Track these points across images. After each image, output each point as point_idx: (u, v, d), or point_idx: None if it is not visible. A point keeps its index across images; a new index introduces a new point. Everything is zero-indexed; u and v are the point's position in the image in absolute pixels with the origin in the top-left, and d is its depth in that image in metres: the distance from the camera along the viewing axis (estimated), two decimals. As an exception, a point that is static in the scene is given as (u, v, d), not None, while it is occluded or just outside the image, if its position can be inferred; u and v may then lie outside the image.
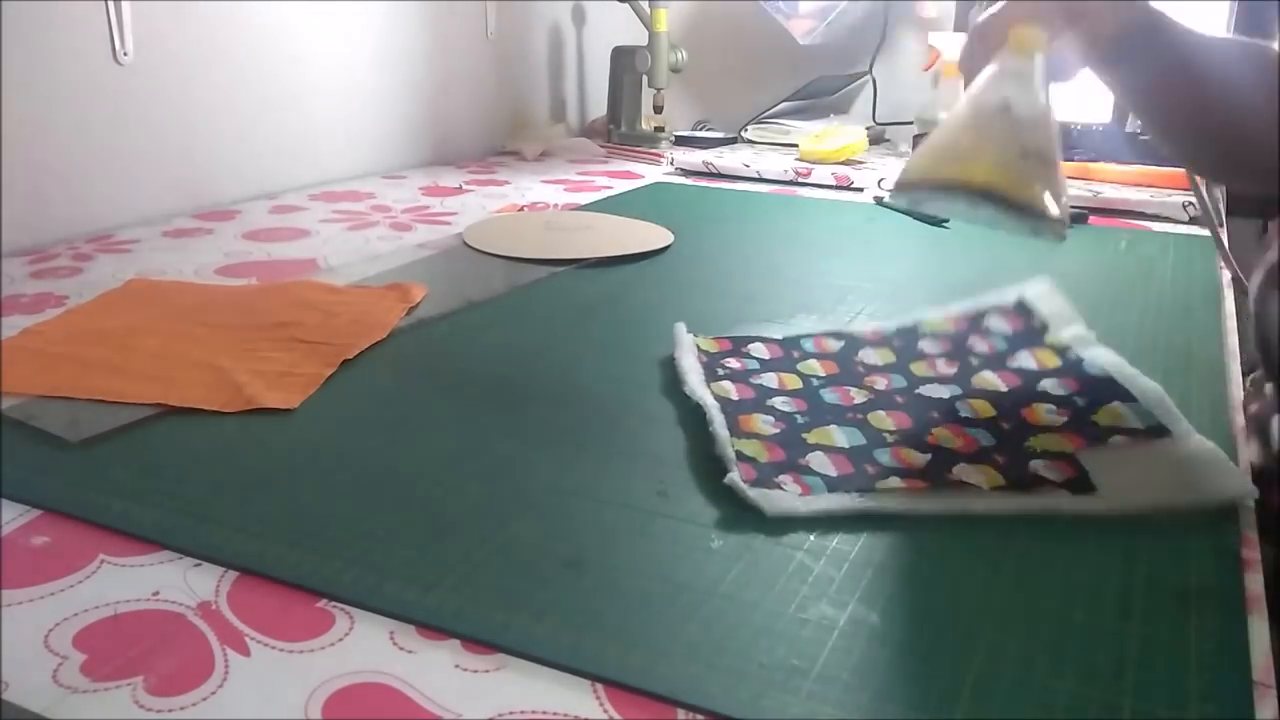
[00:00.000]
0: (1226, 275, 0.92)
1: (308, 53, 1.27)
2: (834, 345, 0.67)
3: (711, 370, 0.63)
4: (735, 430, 0.54)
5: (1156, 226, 1.12)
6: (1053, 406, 0.57)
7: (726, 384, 0.60)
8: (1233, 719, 0.35)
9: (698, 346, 0.66)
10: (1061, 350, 0.62)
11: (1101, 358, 0.61)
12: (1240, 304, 0.84)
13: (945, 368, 0.63)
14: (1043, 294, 0.68)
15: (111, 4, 1.01)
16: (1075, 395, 0.58)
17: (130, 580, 0.42)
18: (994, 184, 0.52)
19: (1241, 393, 0.64)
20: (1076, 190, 1.21)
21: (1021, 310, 0.67)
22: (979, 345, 0.65)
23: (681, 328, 0.69)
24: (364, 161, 1.39)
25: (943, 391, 0.60)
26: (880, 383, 0.61)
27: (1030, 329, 0.66)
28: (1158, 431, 0.53)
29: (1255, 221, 1.62)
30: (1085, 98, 1.59)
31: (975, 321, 0.67)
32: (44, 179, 0.98)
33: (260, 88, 1.21)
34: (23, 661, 0.37)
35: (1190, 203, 1.15)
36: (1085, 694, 0.36)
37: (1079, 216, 1.13)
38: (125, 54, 1.03)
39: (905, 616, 0.40)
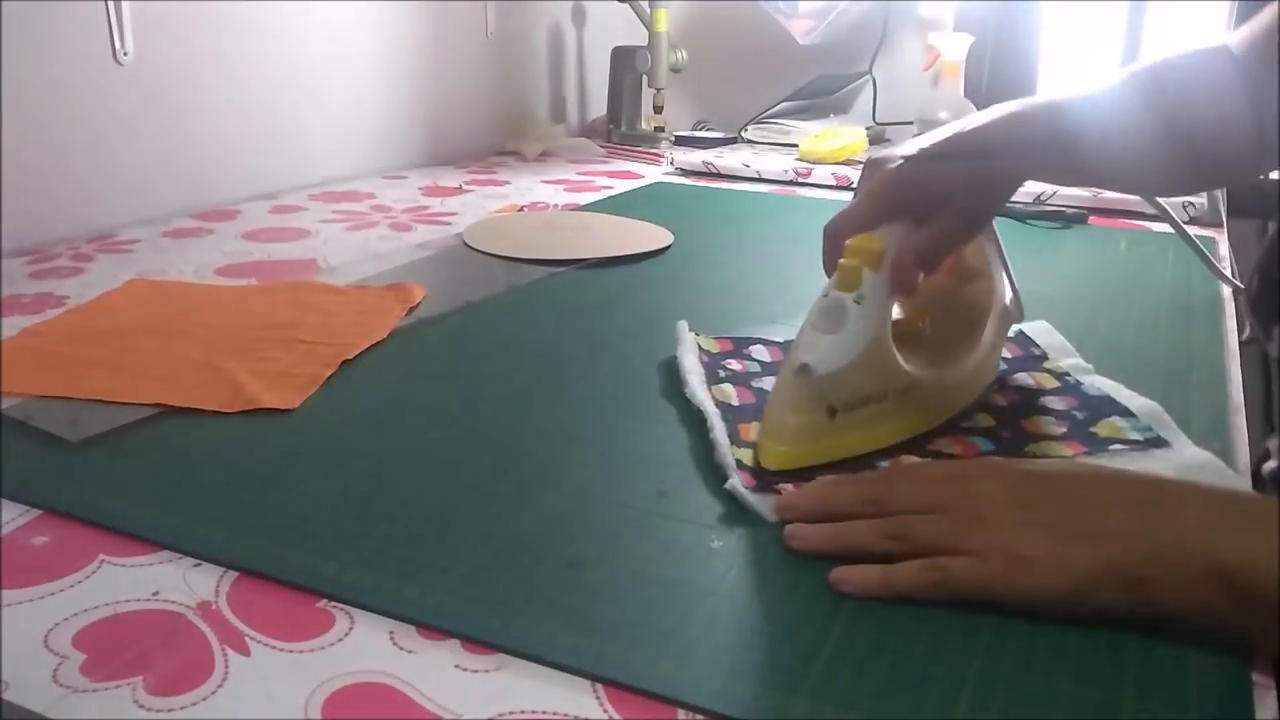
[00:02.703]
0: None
1: (308, 53, 1.27)
2: None
3: (713, 371, 0.63)
4: (735, 438, 0.54)
5: (1156, 226, 1.12)
6: (1052, 419, 0.57)
7: (727, 387, 0.60)
8: (1233, 719, 0.35)
9: (699, 346, 0.66)
10: (1060, 375, 0.63)
11: (1100, 383, 0.61)
12: (1239, 307, 0.84)
13: None
14: (1041, 330, 0.69)
15: (111, 4, 1.01)
16: (1074, 410, 0.58)
17: (130, 580, 0.42)
18: (795, 462, 0.50)
19: (1241, 395, 0.64)
20: (1076, 190, 1.21)
21: (1021, 340, 0.68)
22: None
23: (684, 326, 0.69)
24: (364, 161, 1.39)
25: None
26: None
27: (1030, 355, 0.66)
28: (1157, 443, 0.53)
29: (1256, 221, 1.62)
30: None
31: None
32: (44, 179, 0.98)
33: (260, 88, 1.21)
34: (23, 661, 0.37)
35: (1190, 203, 1.15)
36: (1085, 694, 0.36)
37: (1079, 217, 1.13)
38: (125, 54, 1.03)
39: (905, 617, 0.40)
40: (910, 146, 0.57)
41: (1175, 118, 0.54)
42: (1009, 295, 0.62)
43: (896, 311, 0.59)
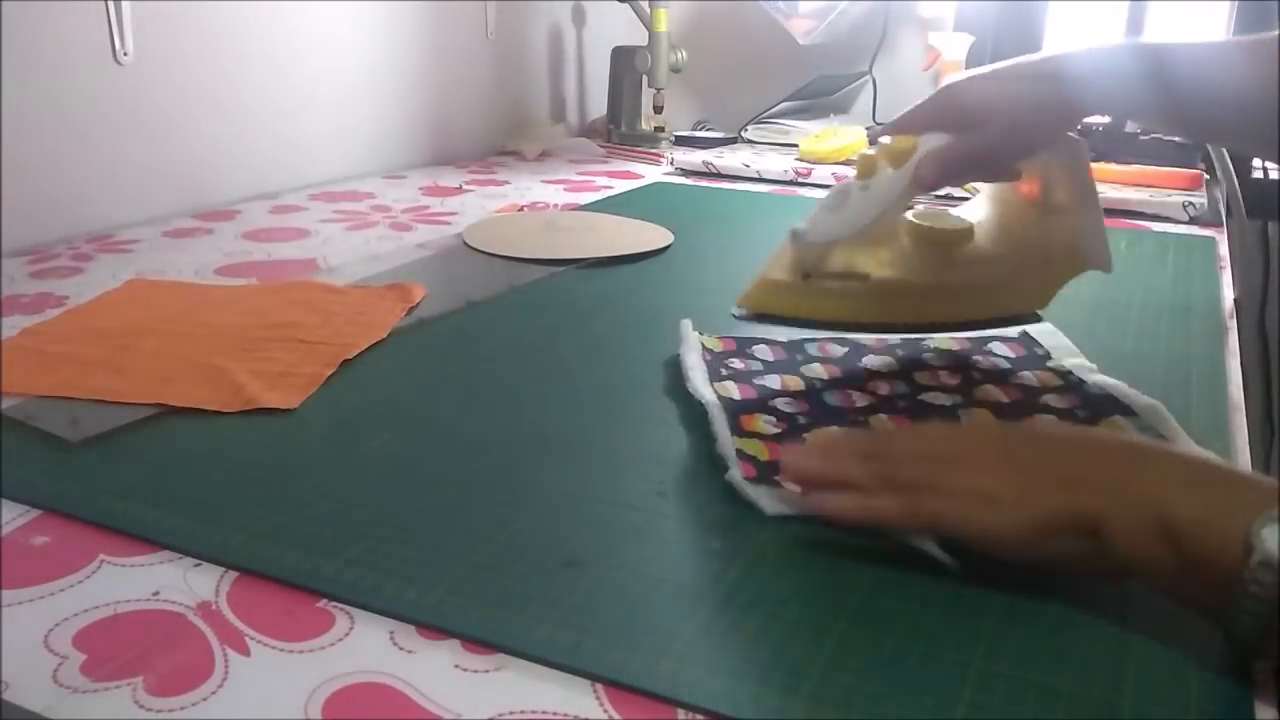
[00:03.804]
0: (1227, 275, 0.92)
1: (308, 53, 1.27)
2: (838, 350, 0.67)
3: (715, 369, 0.63)
4: (737, 429, 0.54)
5: (1156, 226, 1.12)
6: (1054, 418, 0.57)
7: (729, 384, 0.60)
8: (1233, 719, 0.35)
9: (703, 345, 0.67)
10: (1063, 374, 0.63)
11: (1103, 381, 0.61)
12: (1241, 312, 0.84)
13: (948, 379, 0.63)
14: (1045, 331, 0.69)
15: (111, 4, 1.01)
16: (1077, 409, 0.58)
17: (130, 580, 0.42)
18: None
19: (1241, 395, 0.64)
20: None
21: (1025, 340, 0.69)
22: (982, 363, 0.66)
23: (687, 325, 0.69)
24: (364, 161, 1.39)
25: (944, 400, 0.60)
26: (883, 388, 0.61)
27: (1034, 355, 0.67)
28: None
29: (1256, 221, 1.62)
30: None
31: (979, 343, 0.68)
32: (44, 179, 0.98)
33: (260, 88, 1.21)
34: (23, 661, 0.37)
35: (1190, 203, 1.15)
36: (1085, 694, 0.36)
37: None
38: (125, 54, 1.03)
39: (905, 616, 0.40)
40: (986, 68, 0.60)
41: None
42: (1090, 240, 0.62)
43: (972, 216, 0.63)
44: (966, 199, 0.67)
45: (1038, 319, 0.65)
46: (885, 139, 0.57)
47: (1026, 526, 0.40)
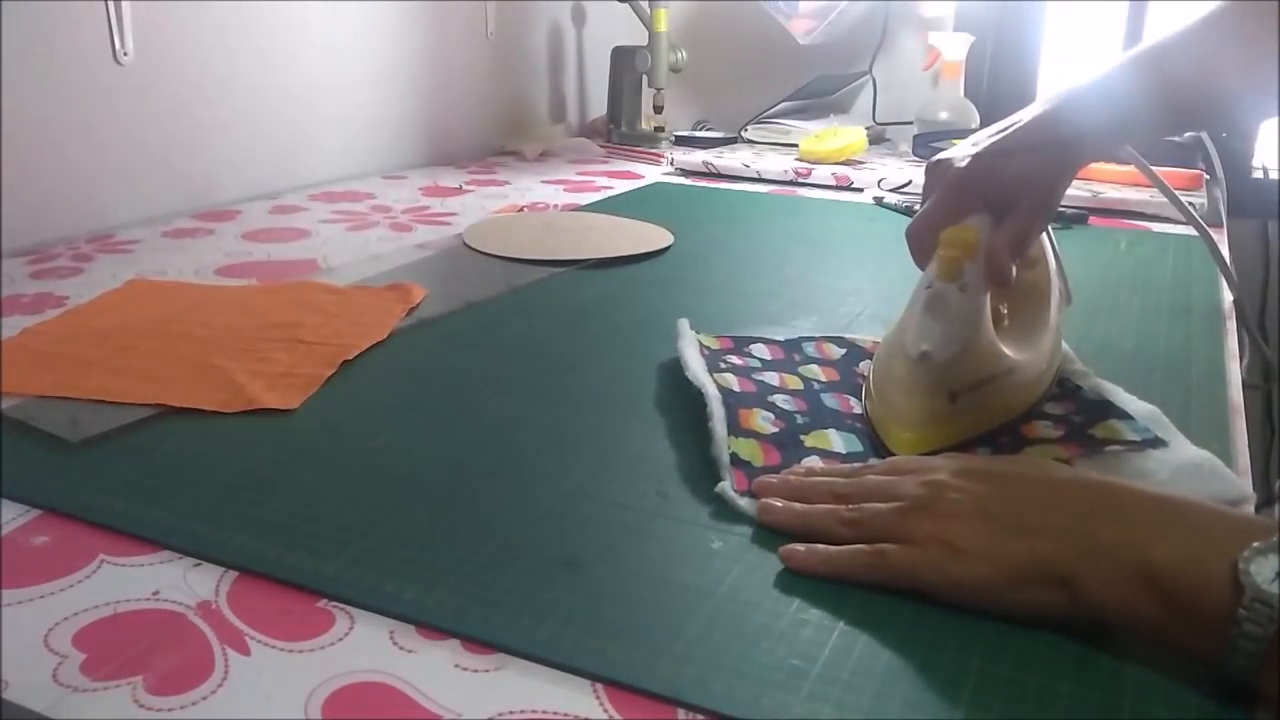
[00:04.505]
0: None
1: (307, 53, 1.27)
2: (836, 352, 0.67)
3: (714, 364, 0.63)
4: (734, 427, 0.54)
5: (1156, 226, 1.12)
6: (1050, 422, 0.57)
7: (729, 376, 0.60)
8: (1232, 719, 0.35)
9: (700, 342, 0.66)
10: (1059, 380, 0.63)
11: (1099, 386, 0.61)
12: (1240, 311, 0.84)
13: None
14: None
15: (111, 4, 1.01)
16: (1073, 414, 0.58)
17: (130, 580, 0.42)
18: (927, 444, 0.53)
19: (1241, 395, 0.64)
20: (1076, 190, 1.21)
21: None
22: None
23: (685, 323, 0.69)
24: (364, 161, 1.39)
25: None
26: None
27: None
28: (1154, 444, 0.53)
29: (1256, 221, 1.62)
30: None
31: None
32: (44, 179, 0.98)
33: (260, 88, 1.21)
34: (23, 661, 0.37)
35: (1190, 203, 1.15)
36: (1085, 694, 0.36)
37: (1079, 217, 1.13)
38: (125, 54, 1.03)
39: (905, 616, 0.40)
40: (970, 146, 0.60)
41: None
42: (1060, 280, 0.65)
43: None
44: None
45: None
46: (945, 234, 0.55)
47: (996, 581, 0.40)
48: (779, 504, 0.47)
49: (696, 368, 0.60)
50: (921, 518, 0.42)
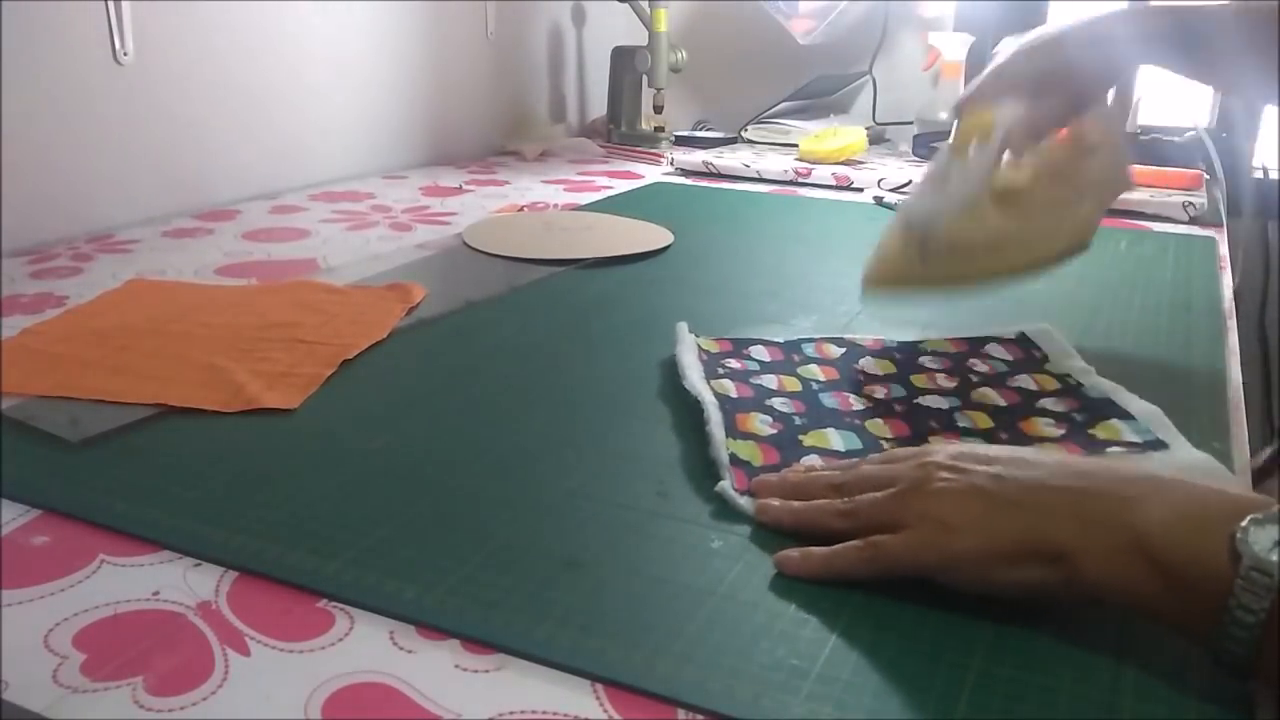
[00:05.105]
0: (1227, 275, 0.92)
1: (307, 53, 1.27)
2: (835, 351, 0.67)
3: (712, 369, 0.63)
4: (732, 430, 0.54)
5: (1156, 226, 1.12)
6: (1051, 420, 0.57)
7: (726, 382, 0.60)
8: (1233, 719, 0.35)
9: (699, 346, 0.66)
10: (1061, 376, 0.63)
11: (1101, 384, 0.61)
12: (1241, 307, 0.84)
13: (945, 381, 0.63)
14: (1043, 333, 0.70)
15: (111, 4, 1.01)
16: (1074, 413, 0.58)
17: (130, 580, 0.42)
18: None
19: (1241, 395, 0.64)
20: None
21: (1022, 342, 0.69)
22: (979, 365, 0.65)
23: (683, 327, 0.69)
24: (364, 161, 1.39)
25: (942, 403, 0.60)
26: (879, 391, 0.61)
27: (1031, 358, 0.66)
28: (1155, 445, 0.53)
29: (1256, 221, 1.62)
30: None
31: (976, 345, 0.68)
32: (44, 179, 0.98)
33: (260, 88, 1.21)
34: (23, 661, 0.37)
35: (1190, 202, 1.15)
36: (1085, 694, 0.36)
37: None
38: (125, 54, 1.03)
39: (905, 616, 0.40)
40: (1038, 32, 0.69)
41: None
42: (1122, 168, 0.70)
43: (1012, 170, 0.69)
44: None
45: (1087, 249, 0.69)
46: (966, 114, 0.66)
47: (990, 556, 0.39)
48: (775, 503, 0.47)
49: (694, 377, 0.60)
50: (914, 498, 0.42)
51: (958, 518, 0.40)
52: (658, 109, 1.65)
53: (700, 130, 1.71)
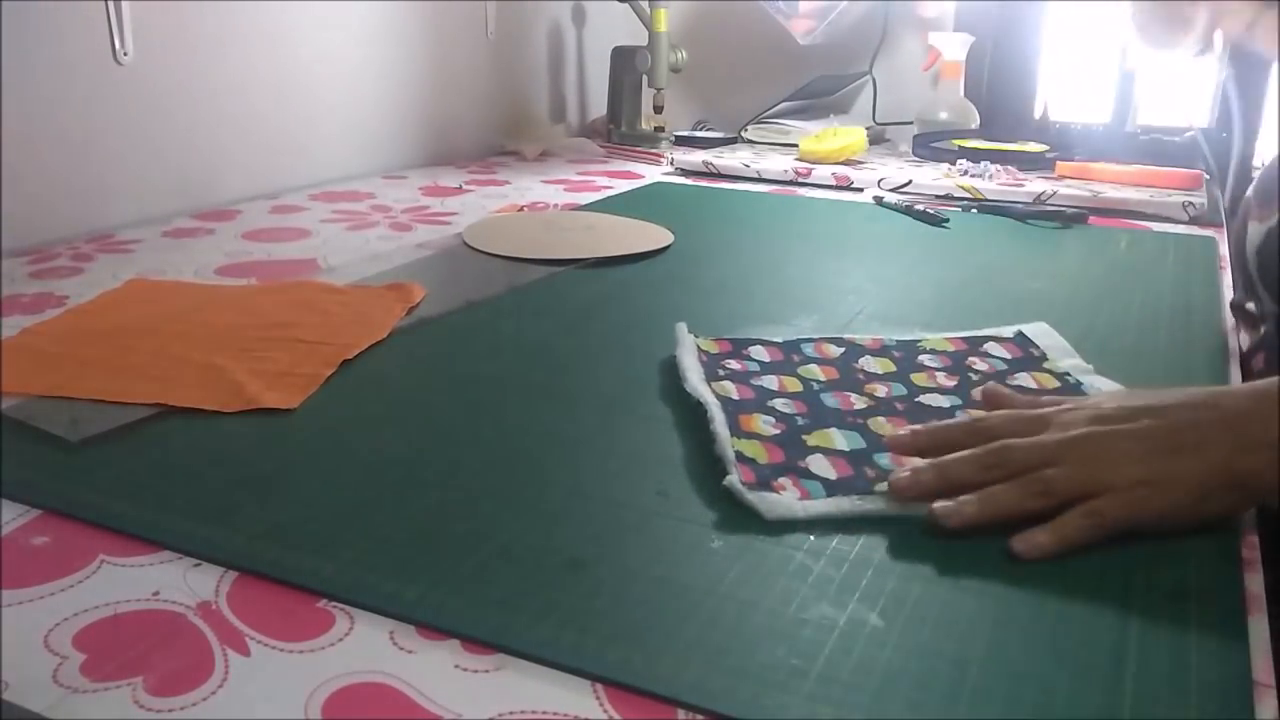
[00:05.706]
0: (1227, 276, 0.92)
1: (307, 53, 1.27)
2: (835, 351, 0.67)
3: (712, 370, 0.63)
4: (735, 430, 0.54)
5: (1156, 226, 1.12)
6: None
7: (727, 383, 0.60)
8: (1233, 719, 0.35)
9: (698, 347, 0.67)
10: (1060, 375, 0.63)
11: (1100, 383, 0.61)
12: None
13: (945, 380, 0.63)
14: (1041, 331, 0.70)
15: (111, 4, 1.01)
16: None
17: (130, 580, 0.42)
18: None
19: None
20: (1076, 190, 1.21)
21: (1020, 341, 0.69)
22: (979, 364, 0.65)
23: (683, 327, 0.69)
24: (364, 161, 1.39)
25: (943, 401, 0.60)
26: (880, 390, 0.61)
27: (1030, 357, 0.67)
28: None
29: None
30: (1084, 98, 1.59)
31: (974, 344, 0.68)
32: (44, 179, 0.98)
33: (260, 88, 1.21)
34: (23, 661, 0.37)
35: (1190, 202, 1.15)
36: (1085, 694, 0.36)
37: (1078, 217, 1.13)
38: (125, 54, 1.03)
39: (905, 616, 0.40)
40: None
41: None
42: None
43: None
44: None
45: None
46: None
47: (1189, 501, 0.44)
48: (960, 510, 0.46)
49: (694, 379, 0.60)
50: (1103, 468, 0.45)
51: (1153, 474, 0.45)
52: (658, 109, 1.65)
53: (700, 130, 1.71)
